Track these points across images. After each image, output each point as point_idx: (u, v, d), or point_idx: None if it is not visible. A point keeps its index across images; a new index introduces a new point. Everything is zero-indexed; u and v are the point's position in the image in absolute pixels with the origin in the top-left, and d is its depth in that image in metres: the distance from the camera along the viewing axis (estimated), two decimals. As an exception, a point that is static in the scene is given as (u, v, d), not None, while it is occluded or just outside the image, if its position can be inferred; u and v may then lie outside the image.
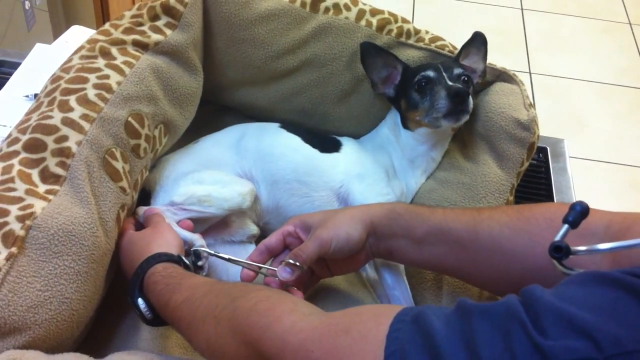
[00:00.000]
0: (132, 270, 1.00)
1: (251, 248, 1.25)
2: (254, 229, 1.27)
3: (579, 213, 0.75)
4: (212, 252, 1.10)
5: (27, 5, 2.35)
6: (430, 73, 1.24)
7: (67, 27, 1.75)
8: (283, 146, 1.30)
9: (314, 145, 1.30)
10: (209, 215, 1.19)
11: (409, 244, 1.03)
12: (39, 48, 1.64)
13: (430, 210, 1.03)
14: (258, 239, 1.28)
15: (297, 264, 1.00)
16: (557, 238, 0.73)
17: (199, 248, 1.11)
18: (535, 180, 1.54)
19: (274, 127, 1.35)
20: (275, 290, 0.92)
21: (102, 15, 2.59)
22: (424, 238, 1.01)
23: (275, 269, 1.03)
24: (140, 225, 1.15)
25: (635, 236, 0.73)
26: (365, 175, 1.27)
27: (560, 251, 0.71)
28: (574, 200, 1.48)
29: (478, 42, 1.31)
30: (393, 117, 1.34)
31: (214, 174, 1.23)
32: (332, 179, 1.27)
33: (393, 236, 1.03)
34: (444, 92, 1.19)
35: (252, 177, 1.26)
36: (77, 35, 1.68)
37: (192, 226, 1.16)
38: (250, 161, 1.27)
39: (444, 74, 1.23)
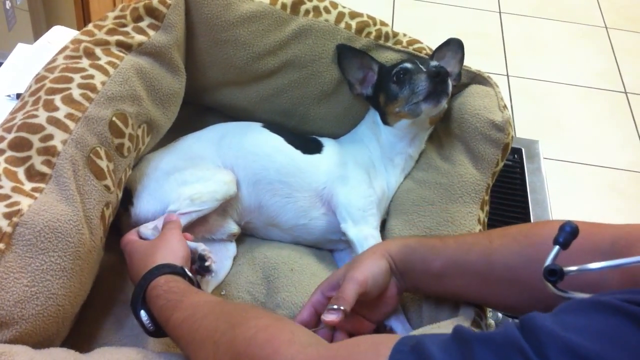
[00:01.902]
0: (137, 280, 0.99)
1: (232, 246, 1.28)
2: (234, 228, 1.28)
3: (568, 234, 0.75)
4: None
5: (8, 5, 2.34)
6: (408, 65, 1.26)
7: (48, 27, 1.75)
8: (266, 146, 1.31)
9: (296, 146, 1.32)
10: (206, 212, 1.20)
11: (429, 278, 1.01)
12: (20, 48, 1.64)
13: (442, 242, 1.02)
14: (238, 238, 1.30)
15: (341, 308, 0.95)
16: (548, 261, 0.73)
17: (202, 252, 1.12)
18: (511, 180, 1.58)
19: (257, 126, 1.36)
20: (275, 317, 0.87)
21: (83, 15, 2.57)
22: (441, 272, 0.99)
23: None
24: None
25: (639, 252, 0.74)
26: (348, 177, 1.29)
27: (554, 274, 0.71)
28: (548, 201, 1.53)
29: (454, 46, 1.33)
30: (372, 116, 1.36)
31: (194, 172, 1.24)
32: (315, 180, 1.29)
33: (413, 271, 1.02)
34: (423, 75, 1.21)
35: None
36: (59, 36, 1.68)
37: (192, 237, 1.17)
38: (232, 159, 1.28)
39: (420, 65, 1.25)
